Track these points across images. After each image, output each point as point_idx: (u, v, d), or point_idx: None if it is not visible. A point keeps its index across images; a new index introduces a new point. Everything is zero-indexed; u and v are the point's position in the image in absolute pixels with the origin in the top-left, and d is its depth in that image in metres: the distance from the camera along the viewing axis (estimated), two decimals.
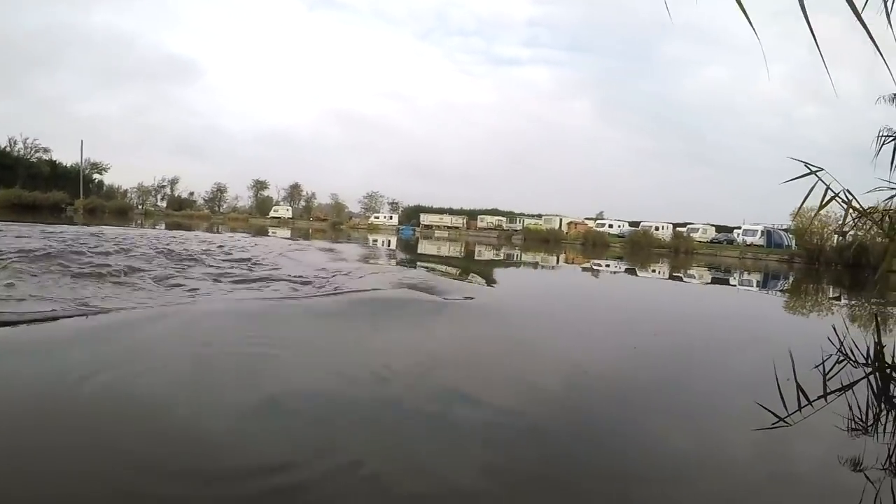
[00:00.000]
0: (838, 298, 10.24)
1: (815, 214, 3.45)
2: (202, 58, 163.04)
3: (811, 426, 2.49)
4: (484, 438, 1.99)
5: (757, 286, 12.19)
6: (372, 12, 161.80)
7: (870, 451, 2.21)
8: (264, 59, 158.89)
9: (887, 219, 3.61)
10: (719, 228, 60.56)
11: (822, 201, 3.28)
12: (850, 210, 3.44)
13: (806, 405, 2.71)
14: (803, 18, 1.57)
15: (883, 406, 3.02)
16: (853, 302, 9.60)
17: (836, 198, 3.25)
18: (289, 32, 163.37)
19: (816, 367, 3.65)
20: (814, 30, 1.60)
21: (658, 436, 2.24)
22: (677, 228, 56.27)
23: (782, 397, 2.80)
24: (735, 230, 55.74)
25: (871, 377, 3.57)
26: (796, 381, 3.14)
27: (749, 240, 48.56)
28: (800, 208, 3.36)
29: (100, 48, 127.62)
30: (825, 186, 3.26)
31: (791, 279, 17.82)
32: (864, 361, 4.10)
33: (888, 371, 3.94)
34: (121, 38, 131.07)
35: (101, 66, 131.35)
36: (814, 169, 3.29)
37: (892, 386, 3.63)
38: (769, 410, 2.57)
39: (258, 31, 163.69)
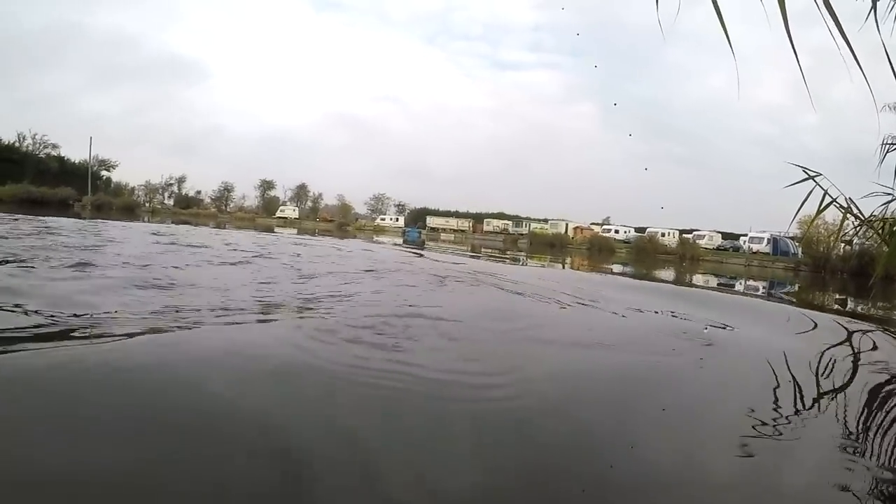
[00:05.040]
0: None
1: (814, 219, 3.45)
2: (209, 58, 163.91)
3: None
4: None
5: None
6: (378, 16, 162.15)
7: None
8: (271, 60, 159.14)
9: (886, 226, 3.60)
10: (725, 235, 60.23)
11: (819, 206, 3.29)
12: (850, 217, 3.44)
13: None
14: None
15: None
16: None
17: (835, 203, 3.27)
18: (296, 35, 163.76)
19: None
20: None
21: None
22: (683, 235, 56.09)
23: None
24: (741, 237, 55.47)
25: None
26: None
27: (755, 247, 48.31)
28: (797, 213, 3.36)
29: (106, 47, 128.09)
30: (823, 192, 3.28)
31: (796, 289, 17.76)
32: None
33: None
34: (127, 37, 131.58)
35: (108, 64, 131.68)
36: (812, 174, 3.30)
37: None
38: None
39: (265, 32, 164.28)
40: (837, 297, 14.32)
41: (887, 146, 4.13)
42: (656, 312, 4.65)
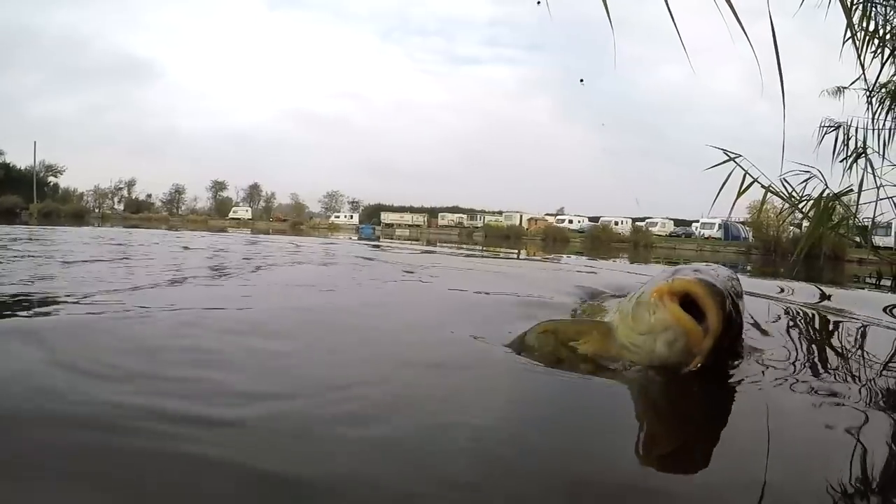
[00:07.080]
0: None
1: (736, 199, 3.44)
2: (161, 58, 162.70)
3: None
4: None
5: None
6: (334, 11, 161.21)
7: None
8: (225, 59, 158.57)
9: (819, 204, 3.59)
10: (678, 222, 61.23)
11: (740, 188, 3.26)
12: (774, 195, 3.47)
13: None
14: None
15: None
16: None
17: (757, 182, 3.24)
18: (249, 32, 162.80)
19: None
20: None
21: None
22: (636, 223, 56.82)
23: None
24: (693, 224, 56.35)
25: None
26: None
27: (707, 233, 49.10)
28: (718, 195, 3.32)
29: (56, 48, 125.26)
30: (744, 172, 3.25)
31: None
32: None
33: None
34: (78, 38, 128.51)
35: (57, 66, 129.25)
36: (732, 155, 3.28)
37: None
38: None
39: (219, 31, 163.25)
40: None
41: (824, 129, 4.23)
42: None
